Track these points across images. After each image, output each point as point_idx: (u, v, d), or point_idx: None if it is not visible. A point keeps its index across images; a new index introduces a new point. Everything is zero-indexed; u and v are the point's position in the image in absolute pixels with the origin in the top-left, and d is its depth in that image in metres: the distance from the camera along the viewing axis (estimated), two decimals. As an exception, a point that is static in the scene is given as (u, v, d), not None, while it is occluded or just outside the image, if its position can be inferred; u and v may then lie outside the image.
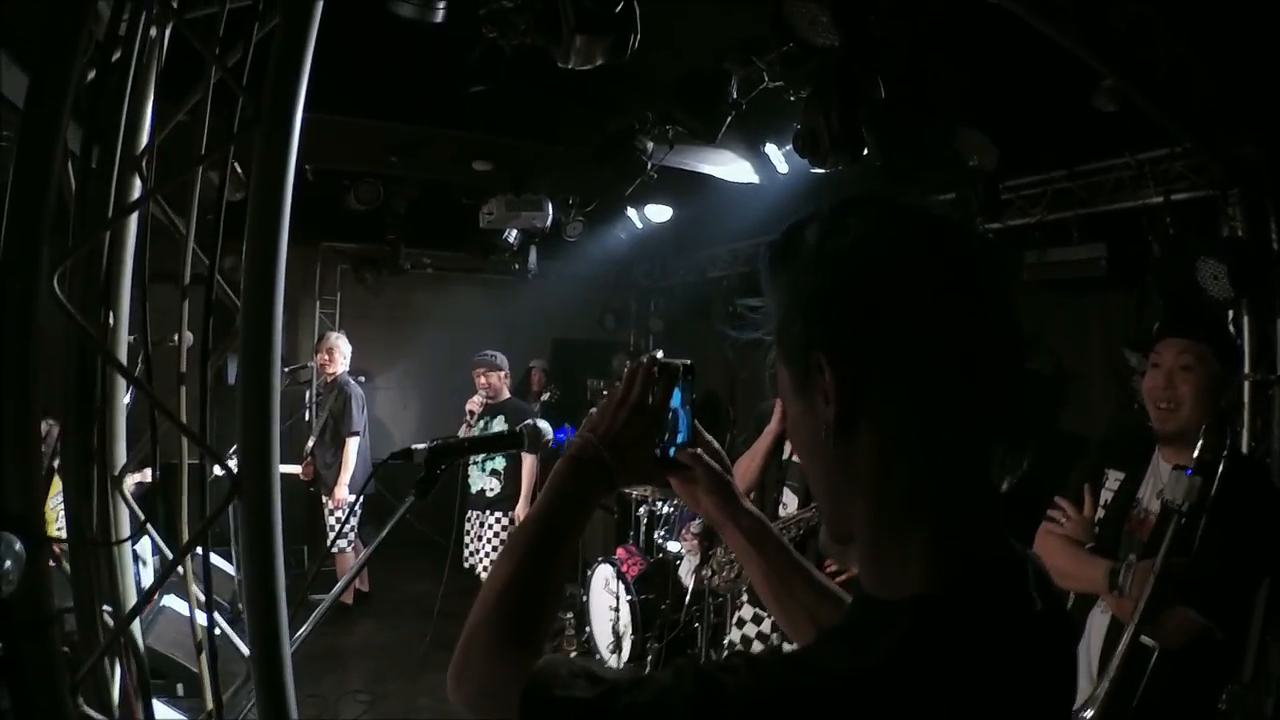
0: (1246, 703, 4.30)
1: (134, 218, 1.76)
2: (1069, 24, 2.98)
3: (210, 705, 1.83)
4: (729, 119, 3.75)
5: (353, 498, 6.85)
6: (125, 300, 1.78)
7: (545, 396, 8.27)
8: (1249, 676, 4.39)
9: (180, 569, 1.86)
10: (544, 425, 2.18)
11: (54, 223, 1.51)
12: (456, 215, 7.44)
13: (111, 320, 1.74)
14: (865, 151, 3.56)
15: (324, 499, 7.05)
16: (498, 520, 6.40)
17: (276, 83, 1.46)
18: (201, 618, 1.85)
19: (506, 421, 6.29)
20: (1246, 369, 4.43)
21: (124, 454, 1.85)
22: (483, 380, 6.52)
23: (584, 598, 6.65)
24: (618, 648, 5.98)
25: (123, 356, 1.80)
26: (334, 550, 7.00)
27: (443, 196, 7.52)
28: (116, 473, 1.82)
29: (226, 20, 1.65)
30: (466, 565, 6.57)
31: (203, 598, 1.85)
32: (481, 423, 6.46)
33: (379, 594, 7.65)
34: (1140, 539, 2.56)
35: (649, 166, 4.62)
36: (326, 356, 7.12)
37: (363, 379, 7.92)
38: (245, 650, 1.71)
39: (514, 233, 7.17)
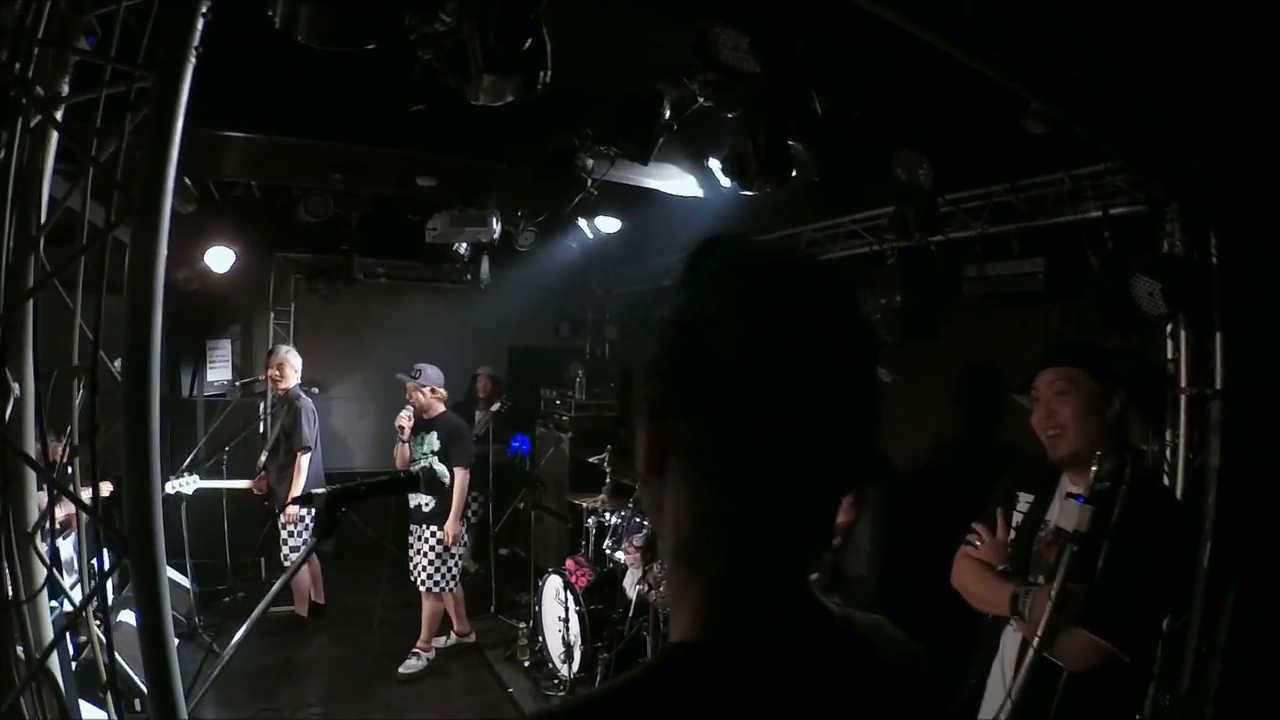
0: (1186, 712, 4.39)
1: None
2: (997, 55, 3.01)
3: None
4: (660, 140, 3.77)
5: (303, 512, 6.83)
6: (29, 368, 1.82)
7: (495, 406, 8.21)
8: (1186, 686, 4.47)
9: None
10: (440, 468, 2.22)
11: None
12: (407, 227, 7.44)
13: (18, 390, 1.78)
14: (794, 174, 3.58)
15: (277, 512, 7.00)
16: (433, 534, 6.43)
17: (148, 175, 1.57)
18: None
19: (440, 439, 6.32)
20: (1183, 383, 4.52)
21: (35, 513, 1.90)
22: (408, 395, 6.57)
23: (536, 607, 6.72)
24: (569, 658, 6.03)
25: (30, 421, 1.85)
26: (286, 564, 6.98)
27: (393, 209, 7.52)
28: (29, 529, 1.89)
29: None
30: (412, 579, 6.63)
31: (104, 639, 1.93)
32: (417, 438, 6.49)
33: (335, 606, 7.62)
34: (1048, 560, 2.65)
35: (590, 183, 4.64)
36: (277, 371, 7.08)
37: (316, 390, 7.88)
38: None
39: (464, 245, 7.15)
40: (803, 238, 6.95)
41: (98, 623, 2.07)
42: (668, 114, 3.75)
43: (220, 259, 7.79)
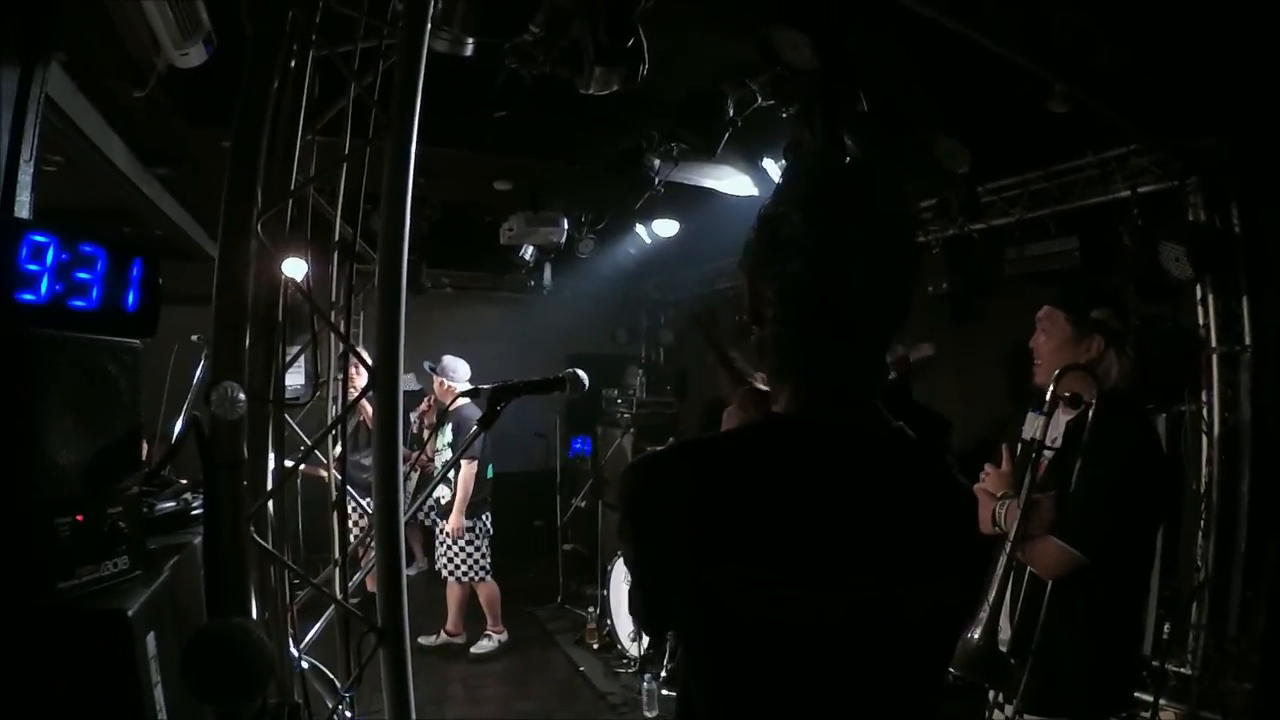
0: (1234, 656, 4.61)
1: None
2: (1013, 39, 3.41)
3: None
4: (726, 135, 4.15)
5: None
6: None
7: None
8: (1234, 631, 4.69)
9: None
10: (582, 374, 2.60)
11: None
12: (476, 235, 7.77)
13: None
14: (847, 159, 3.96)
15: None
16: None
17: (399, 100, 2.12)
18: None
19: (453, 430, 6.53)
20: (1213, 343, 4.83)
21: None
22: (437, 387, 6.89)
23: (605, 593, 6.96)
24: (639, 636, 6.35)
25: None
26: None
27: (463, 217, 7.82)
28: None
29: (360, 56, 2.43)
30: (437, 568, 6.82)
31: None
32: (441, 429, 6.73)
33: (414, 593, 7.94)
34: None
35: (656, 181, 5.01)
36: (353, 371, 7.46)
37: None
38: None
39: (530, 250, 7.46)
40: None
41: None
42: (731, 112, 4.13)
43: (296, 269, 8.20)
